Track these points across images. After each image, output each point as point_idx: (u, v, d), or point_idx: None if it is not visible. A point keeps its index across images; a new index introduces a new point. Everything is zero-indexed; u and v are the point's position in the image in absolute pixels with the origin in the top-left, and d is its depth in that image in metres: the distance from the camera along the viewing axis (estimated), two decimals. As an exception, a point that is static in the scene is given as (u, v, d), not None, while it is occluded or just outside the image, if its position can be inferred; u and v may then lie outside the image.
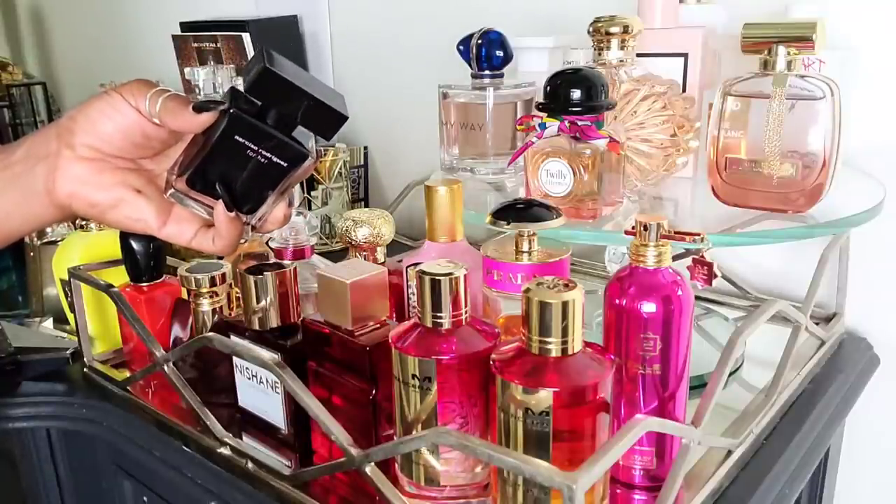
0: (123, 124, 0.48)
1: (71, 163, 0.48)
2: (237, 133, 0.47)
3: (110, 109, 0.48)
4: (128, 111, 0.48)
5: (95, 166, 0.48)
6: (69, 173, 0.48)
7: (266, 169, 0.48)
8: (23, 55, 2.22)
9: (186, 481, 0.62)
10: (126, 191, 0.49)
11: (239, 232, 0.50)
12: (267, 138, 0.47)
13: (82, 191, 0.48)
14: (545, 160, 0.61)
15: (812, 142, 0.59)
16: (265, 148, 0.47)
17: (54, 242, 0.90)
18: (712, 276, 0.47)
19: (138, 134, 0.48)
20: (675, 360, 0.48)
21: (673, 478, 0.45)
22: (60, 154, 0.48)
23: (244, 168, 0.48)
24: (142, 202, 0.49)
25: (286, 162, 0.48)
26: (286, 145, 0.47)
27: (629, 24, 0.66)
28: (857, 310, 0.78)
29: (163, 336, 0.70)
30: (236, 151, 0.47)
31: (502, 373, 0.43)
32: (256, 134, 0.47)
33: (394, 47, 1.19)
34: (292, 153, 0.48)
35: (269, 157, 0.47)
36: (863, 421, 0.79)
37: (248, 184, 0.48)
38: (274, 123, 0.47)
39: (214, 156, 0.47)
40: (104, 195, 0.48)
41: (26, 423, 0.73)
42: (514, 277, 0.54)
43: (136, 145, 0.49)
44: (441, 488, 0.48)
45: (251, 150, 0.47)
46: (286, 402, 0.56)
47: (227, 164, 0.48)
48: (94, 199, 0.48)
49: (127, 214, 0.49)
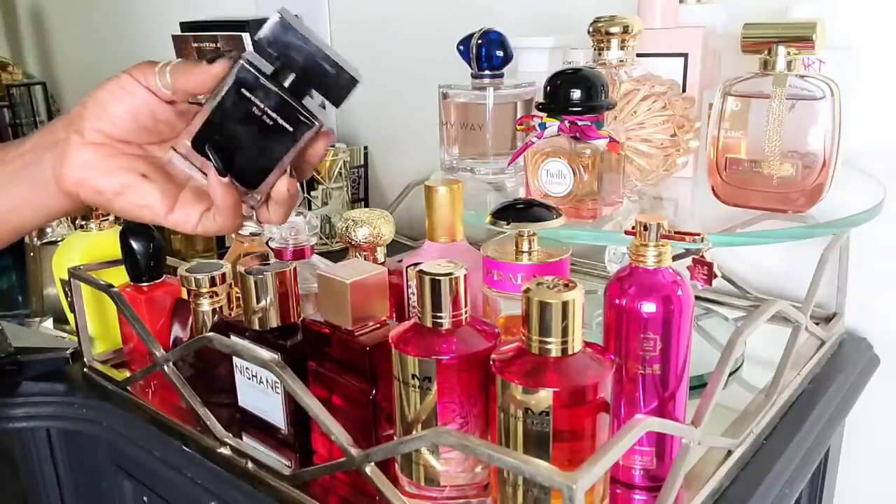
0: (132, 105, 0.48)
1: (79, 148, 0.48)
2: (245, 86, 0.46)
3: (119, 90, 0.48)
4: (137, 90, 0.48)
5: (103, 151, 0.48)
6: (77, 159, 0.48)
7: (271, 133, 0.47)
8: (23, 55, 2.22)
9: (186, 481, 0.62)
10: (132, 176, 0.49)
11: (235, 202, 0.48)
12: (274, 96, 0.46)
13: (89, 177, 0.48)
14: (545, 160, 0.61)
15: (812, 142, 0.59)
16: (271, 107, 0.46)
17: (54, 242, 0.90)
18: (712, 276, 0.47)
19: (147, 115, 0.48)
20: (675, 360, 0.48)
21: (673, 478, 0.45)
22: (69, 140, 0.48)
23: (247, 130, 0.47)
24: (147, 188, 0.49)
25: (292, 126, 0.46)
26: (293, 108, 0.46)
27: (629, 24, 0.66)
28: (857, 310, 0.78)
29: (163, 336, 0.70)
30: (241, 109, 0.46)
31: (502, 373, 0.43)
32: (264, 90, 0.46)
33: (394, 47, 1.19)
34: (299, 117, 0.46)
35: (274, 117, 0.46)
36: (863, 421, 0.79)
37: (250, 150, 0.47)
38: (283, 84, 0.46)
39: (221, 112, 0.46)
40: (110, 181, 0.48)
41: (26, 423, 0.73)
42: (514, 277, 0.54)
43: (144, 128, 0.49)
44: (441, 488, 0.48)
45: (257, 108, 0.46)
46: (286, 402, 0.56)
47: (231, 123, 0.46)
48: (101, 185, 0.48)
49: (133, 201, 0.49)
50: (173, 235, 1.03)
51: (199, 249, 1.05)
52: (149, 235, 0.70)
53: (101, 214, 0.81)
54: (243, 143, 0.47)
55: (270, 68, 0.46)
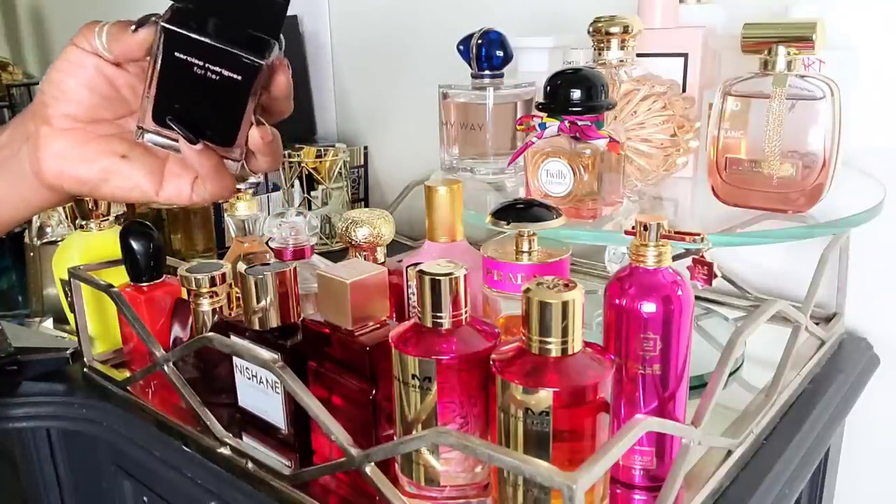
0: (86, 77, 0.45)
1: (51, 139, 0.46)
2: (176, 49, 0.43)
3: (68, 65, 0.45)
4: (85, 59, 0.45)
5: (76, 137, 0.46)
6: (51, 151, 0.46)
7: (222, 86, 0.44)
8: (23, 55, 2.22)
9: (186, 481, 0.62)
10: (112, 160, 0.47)
11: (216, 165, 0.46)
12: (208, 50, 0.43)
13: (68, 168, 0.46)
14: (545, 160, 0.61)
15: (812, 142, 0.59)
16: (211, 62, 0.43)
17: (54, 242, 0.90)
18: (712, 276, 0.47)
19: (103, 83, 0.46)
20: (675, 360, 0.48)
21: (673, 478, 0.45)
22: (39, 132, 0.46)
23: (198, 91, 0.44)
24: (130, 169, 0.47)
25: (239, 74, 0.44)
26: (231, 55, 0.43)
27: (629, 24, 0.66)
28: (857, 310, 0.78)
29: (163, 336, 0.70)
30: (184, 73, 0.43)
31: (502, 373, 0.43)
32: (195, 46, 0.43)
33: (394, 47, 1.19)
34: (241, 62, 0.43)
35: (218, 71, 0.43)
36: (863, 421, 0.79)
37: (210, 110, 0.45)
38: (214, 31, 0.43)
39: (164, 82, 0.44)
40: (90, 168, 0.46)
41: (26, 423, 0.73)
42: (514, 277, 0.54)
43: (106, 98, 0.46)
44: (441, 488, 0.48)
45: (197, 67, 0.43)
46: (286, 402, 0.56)
47: (180, 89, 0.44)
48: (82, 175, 0.47)
49: (119, 185, 0.47)
50: (173, 235, 1.03)
51: (199, 249, 1.05)
52: (149, 235, 0.70)
53: (101, 214, 0.80)
54: (200, 104, 0.45)
55: (196, 17, 0.43)
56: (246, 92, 0.44)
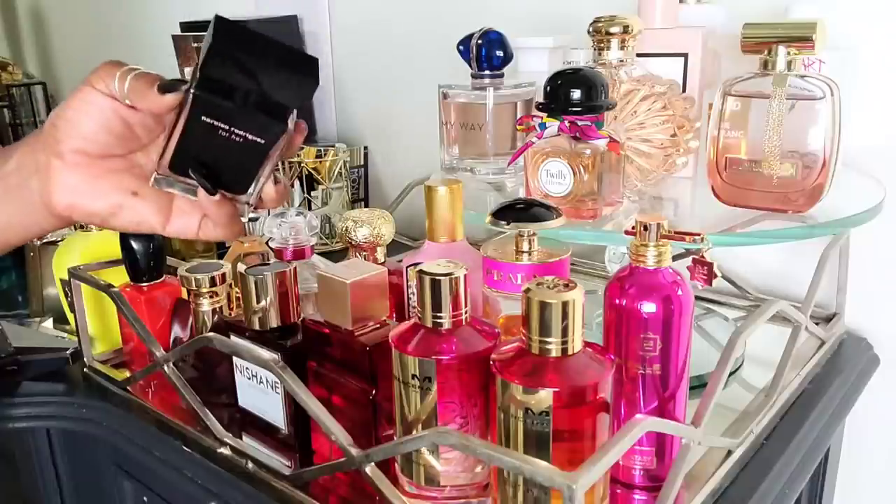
0: (102, 119, 0.46)
1: (62, 174, 0.46)
2: (204, 114, 0.44)
3: (85, 105, 0.46)
4: (102, 102, 0.46)
5: (88, 173, 0.47)
6: (63, 184, 0.47)
7: (244, 147, 0.46)
8: (23, 55, 2.22)
9: (186, 481, 0.62)
10: (123, 195, 0.48)
11: (232, 213, 0.48)
12: (235, 116, 0.44)
13: (79, 202, 0.47)
14: (545, 160, 0.61)
15: (812, 142, 0.59)
16: (236, 126, 0.45)
17: (54, 242, 0.90)
18: (712, 276, 0.47)
19: (119, 123, 0.47)
20: (675, 360, 0.48)
21: (673, 478, 0.45)
22: (50, 166, 0.46)
23: (221, 148, 0.45)
24: (140, 205, 0.48)
25: (262, 139, 0.45)
26: (258, 121, 0.45)
27: (629, 24, 0.66)
28: (857, 310, 0.78)
29: (163, 336, 0.70)
30: (208, 132, 0.45)
31: (502, 373, 0.43)
32: (224, 113, 0.44)
33: (394, 47, 1.19)
34: (267, 129, 0.45)
35: (242, 135, 0.45)
36: (863, 421, 0.79)
37: (230, 164, 0.46)
38: (241, 100, 0.44)
39: (188, 138, 0.45)
40: (101, 203, 0.48)
41: (26, 423, 0.73)
42: (514, 277, 0.54)
43: (120, 137, 0.47)
44: (441, 488, 0.48)
45: (223, 130, 0.45)
46: (286, 402, 0.56)
47: (203, 146, 0.45)
48: (92, 209, 0.48)
49: (128, 219, 0.49)
50: (173, 235, 1.03)
51: (199, 249, 1.05)
52: (149, 235, 0.70)
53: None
54: (220, 160, 0.46)
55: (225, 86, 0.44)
56: (267, 153, 0.46)
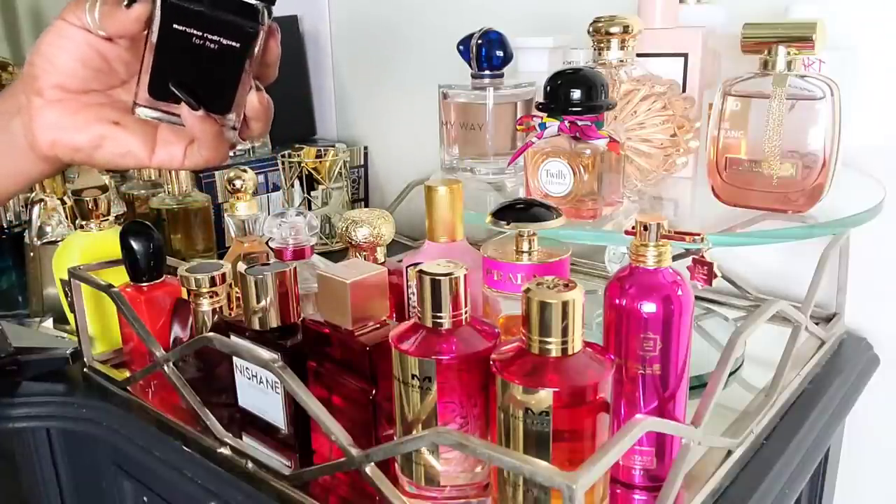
0: (77, 52, 0.46)
1: (43, 110, 0.46)
2: (174, 21, 0.44)
3: (59, 39, 0.45)
4: (75, 34, 0.45)
5: (68, 107, 0.47)
6: (44, 121, 0.47)
7: (220, 54, 0.45)
8: (23, 55, 2.22)
9: (186, 481, 0.62)
10: (105, 126, 0.48)
11: (217, 133, 0.47)
12: (206, 19, 0.44)
13: (62, 137, 0.47)
14: (545, 160, 0.61)
15: (812, 142, 0.59)
16: (209, 30, 0.44)
17: (54, 242, 0.90)
18: (712, 276, 0.47)
19: (95, 56, 0.46)
20: (675, 360, 0.48)
21: (673, 478, 0.45)
22: (31, 104, 0.46)
23: (197, 60, 0.45)
24: (123, 135, 0.48)
25: (238, 41, 0.45)
26: (230, 23, 0.44)
27: (629, 24, 0.66)
28: (857, 310, 0.78)
29: (163, 336, 0.70)
30: (182, 43, 0.44)
31: (502, 373, 0.43)
32: (194, 16, 0.44)
33: (394, 47, 1.19)
34: (240, 30, 0.45)
35: (217, 40, 0.44)
36: (863, 421, 0.79)
37: (210, 77, 0.46)
38: (211, 2, 0.44)
39: (163, 54, 0.45)
40: (84, 136, 0.47)
41: (26, 423, 0.73)
42: (514, 277, 0.54)
43: (97, 70, 0.47)
44: (441, 488, 0.48)
45: (196, 37, 0.44)
46: (286, 402, 0.56)
47: (179, 61, 0.45)
48: (76, 142, 0.47)
49: (112, 151, 0.48)
50: (173, 235, 1.03)
51: (199, 249, 1.05)
52: (149, 235, 0.70)
53: (101, 214, 0.80)
54: (199, 73, 0.46)
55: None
56: (243, 58, 0.46)
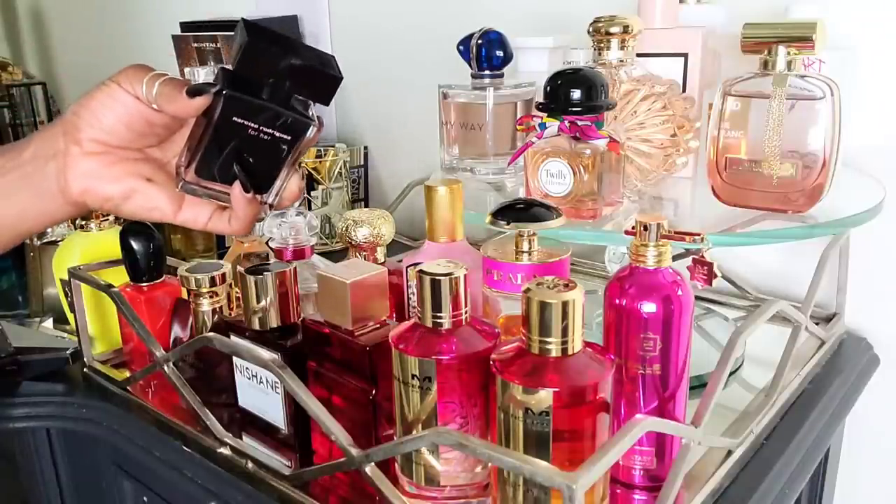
0: (125, 114, 0.48)
1: (80, 160, 0.48)
2: (234, 114, 0.47)
3: (110, 101, 0.48)
4: (127, 100, 0.48)
5: (104, 160, 0.49)
6: (79, 170, 0.48)
7: (271, 145, 0.48)
8: (23, 55, 2.22)
9: (186, 481, 0.62)
10: (137, 181, 0.50)
11: (256, 211, 0.50)
12: (265, 114, 0.47)
13: (94, 186, 0.49)
14: (545, 160, 0.61)
15: (812, 142, 0.59)
16: (265, 124, 0.47)
17: (54, 242, 0.90)
18: (712, 276, 0.47)
19: (141, 122, 0.49)
20: (675, 360, 0.48)
21: (673, 478, 0.45)
22: (69, 152, 0.48)
23: (249, 148, 0.48)
24: (153, 191, 0.50)
25: (289, 134, 0.48)
26: (286, 118, 0.47)
27: (629, 24, 0.66)
28: (857, 310, 0.78)
29: (163, 336, 0.70)
30: (238, 132, 0.47)
31: (502, 373, 0.43)
32: (254, 111, 0.47)
33: (394, 47, 1.19)
34: (294, 124, 0.48)
35: (271, 132, 0.47)
36: (863, 421, 0.79)
37: (257, 163, 0.49)
38: (269, 97, 0.47)
39: (217, 141, 0.47)
40: (116, 188, 0.49)
41: (26, 423, 0.73)
42: (514, 277, 0.54)
43: (140, 134, 0.49)
44: (441, 488, 0.48)
45: (252, 129, 0.47)
46: (286, 402, 0.56)
47: (232, 147, 0.48)
48: (107, 192, 0.49)
49: (141, 204, 0.50)
50: (173, 235, 1.03)
51: (200, 249, 1.05)
52: (149, 235, 0.70)
53: (101, 214, 0.80)
54: (247, 158, 0.48)
55: (254, 85, 0.47)
56: (291, 149, 0.49)
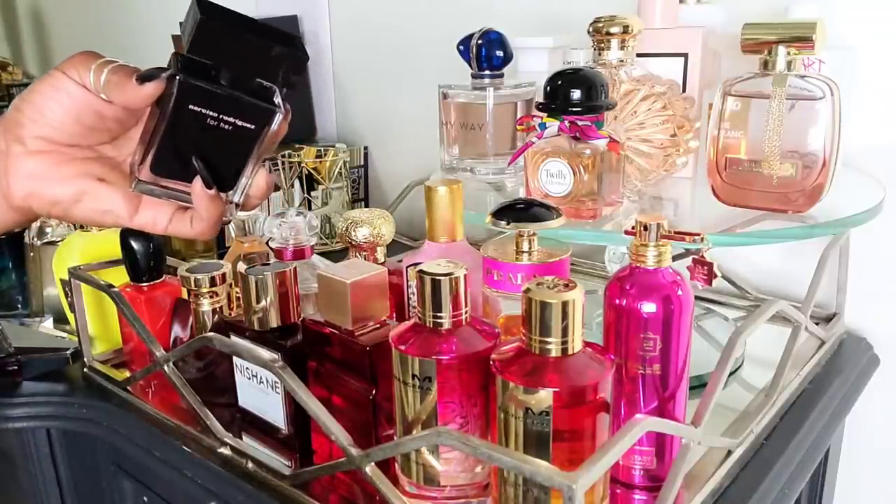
0: (72, 106, 0.42)
1: (22, 160, 0.43)
2: (190, 102, 0.41)
3: (53, 91, 0.42)
4: (74, 90, 0.42)
5: (51, 159, 0.43)
6: (22, 171, 0.43)
7: (234, 136, 0.43)
8: (23, 55, 2.22)
9: (186, 481, 0.62)
10: (88, 181, 0.44)
11: (220, 210, 0.45)
12: (224, 101, 0.42)
13: (40, 189, 0.43)
14: (545, 160, 0.61)
15: (812, 142, 0.59)
16: (226, 112, 0.42)
17: (54, 242, 0.90)
18: (712, 276, 0.47)
19: (90, 114, 0.43)
20: (675, 360, 0.48)
21: (673, 478, 0.45)
22: (10, 151, 0.43)
23: (209, 140, 0.43)
24: (107, 191, 0.45)
25: (253, 124, 0.43)
26: (249, 105, 0.42)
27: (629, 24, 0.66)
28: (857, 310, 0.78)
29: (163, 336, 0.70)
30: (195, 122, 0.42)
31: (502, 373, 0.43)
32: (212, 98, 0.41)
33: (394, 47, 1.19)
34: (258, 112, 0.42)
35: (232, 121, 0.42)
36: (863, 421, 0.79)
37: (219, 156, 0.43)
38: (229, 83, 0.42)
39: (173, 132, 0.42)
40: (64, 189, 0.44)
41: (26, 423, 0.73)
42: (514, 277, 0.54)
43: (90, 128, 0.44)
44: (441, 488, 0.48)
45: (211, 118, 0.42)
46: (286, 402, 0.56)
47: (191, 140, 0.42)
48: (54, 195, 0.44)
49: (93, 207, 0.45)
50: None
51: (199, 249, 1.05)
52: (149, 235, 0.70)
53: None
54: (208, 151, 0.43)
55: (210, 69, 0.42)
56: (256, 140, 0.44)
